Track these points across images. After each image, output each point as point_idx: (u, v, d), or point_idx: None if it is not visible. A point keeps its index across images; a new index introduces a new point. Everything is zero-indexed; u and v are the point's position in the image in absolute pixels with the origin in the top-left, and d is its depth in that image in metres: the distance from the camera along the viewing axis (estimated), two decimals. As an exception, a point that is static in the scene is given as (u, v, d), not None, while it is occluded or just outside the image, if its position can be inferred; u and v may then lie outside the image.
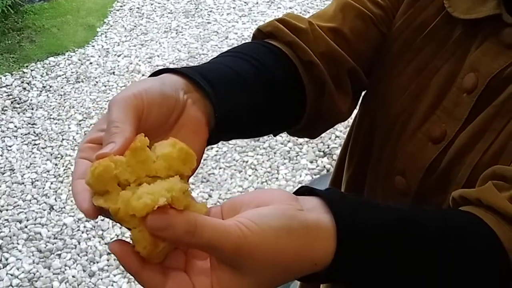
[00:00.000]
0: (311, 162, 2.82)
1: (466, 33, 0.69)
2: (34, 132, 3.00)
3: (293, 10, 3.99)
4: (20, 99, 3.22)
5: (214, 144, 0.62)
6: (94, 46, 3.67)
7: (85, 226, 2.48)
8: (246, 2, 4.13)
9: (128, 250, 0.44)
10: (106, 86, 3.33)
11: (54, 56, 3.57)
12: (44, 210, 2.57)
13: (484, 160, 0.65)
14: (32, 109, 3.15)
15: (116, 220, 0.44)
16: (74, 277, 2.29)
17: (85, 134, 2.93)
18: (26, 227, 2.49)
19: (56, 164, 2.81)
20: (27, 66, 3.47)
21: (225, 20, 3.95)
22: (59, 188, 2.68)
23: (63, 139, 2.95)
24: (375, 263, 0.49)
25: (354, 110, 0.79)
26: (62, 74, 3.42)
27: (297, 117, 0.74)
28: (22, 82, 3.35)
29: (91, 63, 3.51)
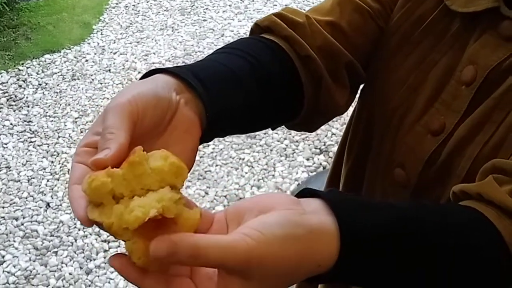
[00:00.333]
0: (308, 159, 2.82)
1: (465, 26, 0.69)
2: (30, 129, 2.99)
3: (289, 8, 3.98)
4: (15, 97, 3.21)
5: (208, 141, 0.64)
6: (90, 44, 3.67)
7: (81, 224, 2.47)
8: (242, 0, 4.13)
9: (126, 262, 0.45)
10: (102, 83, 3.32)
11: (49, 53, 3.56)
12: (40, 207, 2.57)
13: (484, 152, 0.65)
14: (28, 106, 3.15)
15: (110, 233, 0.45)
16: (70, 274, 2.29)
17: (81, 132, 2.94)
18: (23, 225, 2.49)
19: (52, 161, 2.80)
20: (23, 64, 3.46)
21: (221, 17, 3.95)
22: (55, 185, 2.67)
23: (59, 137, 2.95)
24: (376, 263, 0.49)
25: (351, 104, 0.79)
26: (58, 72, 3.41)
27: (294, 112, 0.74)
28: (18, 80, 3.34)
29: (87, 61, 3.51)
